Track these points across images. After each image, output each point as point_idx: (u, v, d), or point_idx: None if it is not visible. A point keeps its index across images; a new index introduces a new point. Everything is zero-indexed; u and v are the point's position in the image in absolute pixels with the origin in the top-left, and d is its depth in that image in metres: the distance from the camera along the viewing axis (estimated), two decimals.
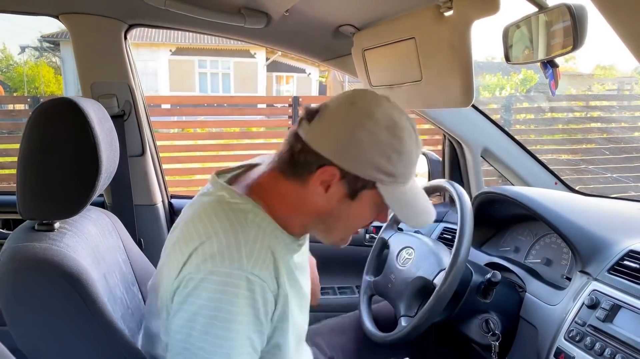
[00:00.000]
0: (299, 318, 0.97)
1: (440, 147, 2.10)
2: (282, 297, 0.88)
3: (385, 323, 1.43)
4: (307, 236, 1.04)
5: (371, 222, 0.99)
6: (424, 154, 1.91)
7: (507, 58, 1.09)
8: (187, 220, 0.91)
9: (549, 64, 0.97)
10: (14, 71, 19.78)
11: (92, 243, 1.07)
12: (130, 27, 1.64)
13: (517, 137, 1.89)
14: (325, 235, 0.98)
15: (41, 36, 15.00)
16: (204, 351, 0.81)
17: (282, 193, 0.93)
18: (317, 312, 1.57)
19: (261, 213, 0.90)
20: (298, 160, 0.90)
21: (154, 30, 12.07)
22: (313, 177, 0.88)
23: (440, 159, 2.01)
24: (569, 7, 0.85)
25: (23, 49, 17.72)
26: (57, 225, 1.00)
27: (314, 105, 0.91)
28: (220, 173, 1.00)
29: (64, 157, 0.96)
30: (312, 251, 1.99)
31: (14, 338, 0.92)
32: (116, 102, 1.66)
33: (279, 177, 0.93)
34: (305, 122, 0.89)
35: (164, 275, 0.90)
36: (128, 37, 1.68)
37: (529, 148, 1.89)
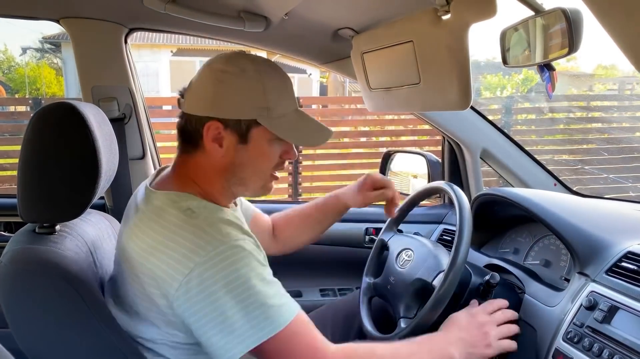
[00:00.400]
0: None
1: (440, 148, 2.11)
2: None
3: (385, 324, 1.43)
4: (239, 207, 1.19)
5: (281, 162, 1.07)
6: (423, 156, 1.92)
7: (505, 61, 1.10)
8: (158, 240, 0.92)
9: (546, 67, 0.98)
10: (15, 72, 19.85)
11: (91, 246, 1.08)
12: (131, 31, 1.65)
13: (518, 138, 1.90)
14: (244, 188, 1.07)
15: (42, 37, 15.06)
16: (246, 317, 0.88)
17: (195, 170, 1.03)
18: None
19: (192, 198, 0.98)
20: (187, 130, 1.01)
21: None
22: (205, 138, 0.98)
23: (440, 160, 2.01)
24: (564, 11, 0.86)
25: (25, 50, 17.76)
26: (57, 227, 1.02)
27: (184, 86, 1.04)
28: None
29: (63, 161, 0.97)
30: (315, 252, 2.01)
31: (15, 339, 0.93)
32: (117, 105, 1.67)
33: (185, 158, 1.04)
34: (181, 99, 1.02)
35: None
36: (128, 40, 1.68)
37: (529, 149, 1.89)
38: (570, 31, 0.86)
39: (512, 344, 1.19)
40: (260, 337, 0.88)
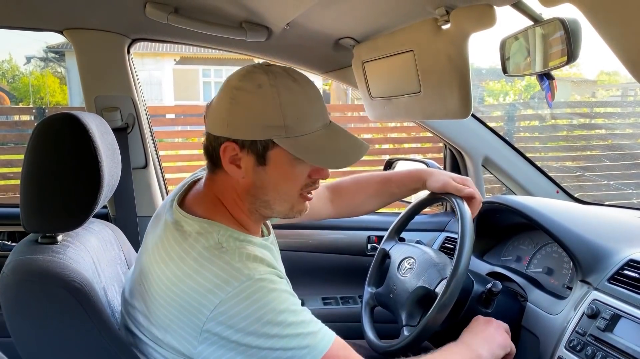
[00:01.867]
0: None
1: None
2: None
3: (388, 333, 1.43)
4: (272, 232, 1.14)
5: (312, 183, 1.01)
6: (424, 163, 1.92)
7: (505, 70, 1.11)
8: (184, 270, 0.90)
9: (545, 76, 0.98)
10: (19, 81, 19.94)
11: (93, 255, 1.08)
12: (133, 41, 1.67)
13: (521, 145, 1.91)
14: (270, 211, 1.01)
15: (47, 47, 15.15)
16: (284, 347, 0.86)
17: (222, 190, 0.99)
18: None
19: (222, 229, 0.95)
20: (208, 150, 0.97)
21: None
22: (222, 160, 0.94)
23: (442, 168, 2.01)
24: (562, 21, 0.87)
25: (29, 59, 17.87)
26: (60, 237, 1.02)
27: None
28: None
29: (66, 171, 0.98)
30: (317, 260, 2.01)
31: (17, 349, 0.93)
32: (120, 115, 1.68)
33: (212, 177, 1.00)
34: (205, 117, 0.98)
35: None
36: (131, 50, 1.70)
37: (532, 156, 1.90)
38: (568, 40, 0.87)
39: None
40: None
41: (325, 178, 1.03)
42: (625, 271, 1.16)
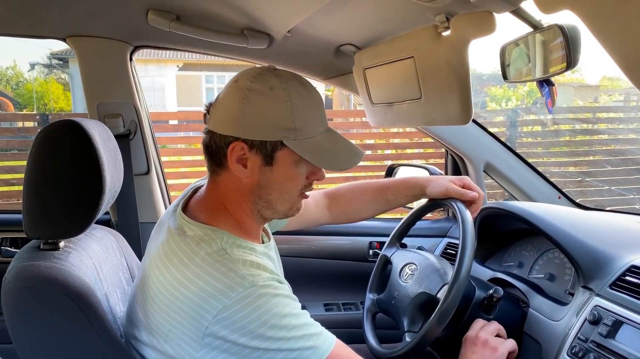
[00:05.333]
0: None
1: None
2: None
3: (389, 339, 1.43)
4: (272, 238, 1.15)
5: (309, 184, 1.04)
6: (426, 169, 1.92)
7: (505, 76, 1.11)
8: (186, 276, 0.90)
9: (545, 83, 0.99)
10: (23, 88, 20.03)
11: (95, 261, 1.09)
12: (136, 48, 1.68)
13: (522, 150, 1.91)
14: (272, 211, 1.03)
15: (50, 53, 15.23)
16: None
17: (225, 192, 1.00)
18: None
19: (226, 235, 0.95)
20: (211, 149, 0.98)
21: None
22: (229, 159, 0.95)
23: (443, 174, 2.01)
24: (561, 28, 0.87)
25: (33, 66, 17.98)
26: (62, 244, 1.02)
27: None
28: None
29: (68, 178, 0.98)
30: (319, 266, 2.01)
31: (18, 355, 0.93)
32: (122, 121, 1.68)
33: (214, 178, 1.01)
34: (207, 115, 0.98)
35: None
36: (134, 57, 1.71)
37: (534, 161, 1.90)
38: (568, 47, 0.87)
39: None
40: None
41: (321, 180, 1.06)
42: (627, 277, 1.16)
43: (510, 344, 1.18)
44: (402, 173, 2.03)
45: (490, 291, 1.26)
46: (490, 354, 1.14)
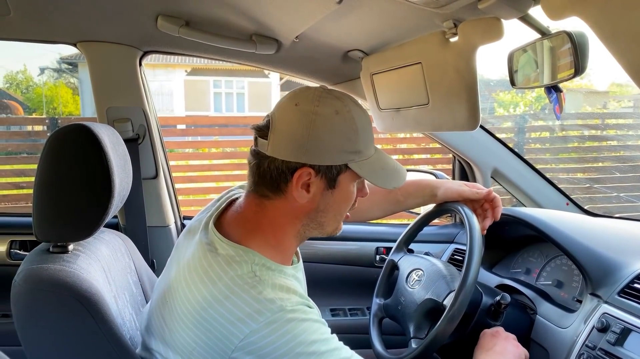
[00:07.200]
0: None
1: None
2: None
3: (396, 345, 1.43)
4: (300, 260, 1.11)
5: (355, 203, 1.03)
6: (433, 174, 1.92)
7: (513, 82, 1.11)
8: (215, 296, 0.88)
9: (553, 89, 0.99)
10: (33, 92, 20.24)
11: (104, 264, 1.09)
12: (145, 53, 1.69)
13: (530, 156, 1.90)
14: (319, 231, 1.02)
15: (60, 58, 15.39)
16: None
17: (272, 216, 0.97)
18: None
19: (257, 257, 0.93)
20: (272, 175, 0.93)
21: None
22: (291, 184, 0.92)
23: (451, 179, 2.01)
24: (569, 34, 0.87)
25: (42, 70, 18.21)
26: (71, 247, 1.03)
27: (260, 123, 0.96)
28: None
29: (78, 181, 0.99)
30: (326, 271, 2.01)
31: (27, 357, 0.94)
32: (131, 126, 1.70)
33: (261, 201, 0.97)
34: (261, 139, 0.94)
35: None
36: (143, 62, 1.72)
37: (542, 167, 1.89)
38: (575, 54, 0.87)
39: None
40: None
41: (364, 197, 1.06)
42: (636, 285, 1.15)
43: (523, 351, 1.17)
44: (409, 178, 2.02)
45: (498, 298, 1.26)
46: (514, 349, 1.15)
